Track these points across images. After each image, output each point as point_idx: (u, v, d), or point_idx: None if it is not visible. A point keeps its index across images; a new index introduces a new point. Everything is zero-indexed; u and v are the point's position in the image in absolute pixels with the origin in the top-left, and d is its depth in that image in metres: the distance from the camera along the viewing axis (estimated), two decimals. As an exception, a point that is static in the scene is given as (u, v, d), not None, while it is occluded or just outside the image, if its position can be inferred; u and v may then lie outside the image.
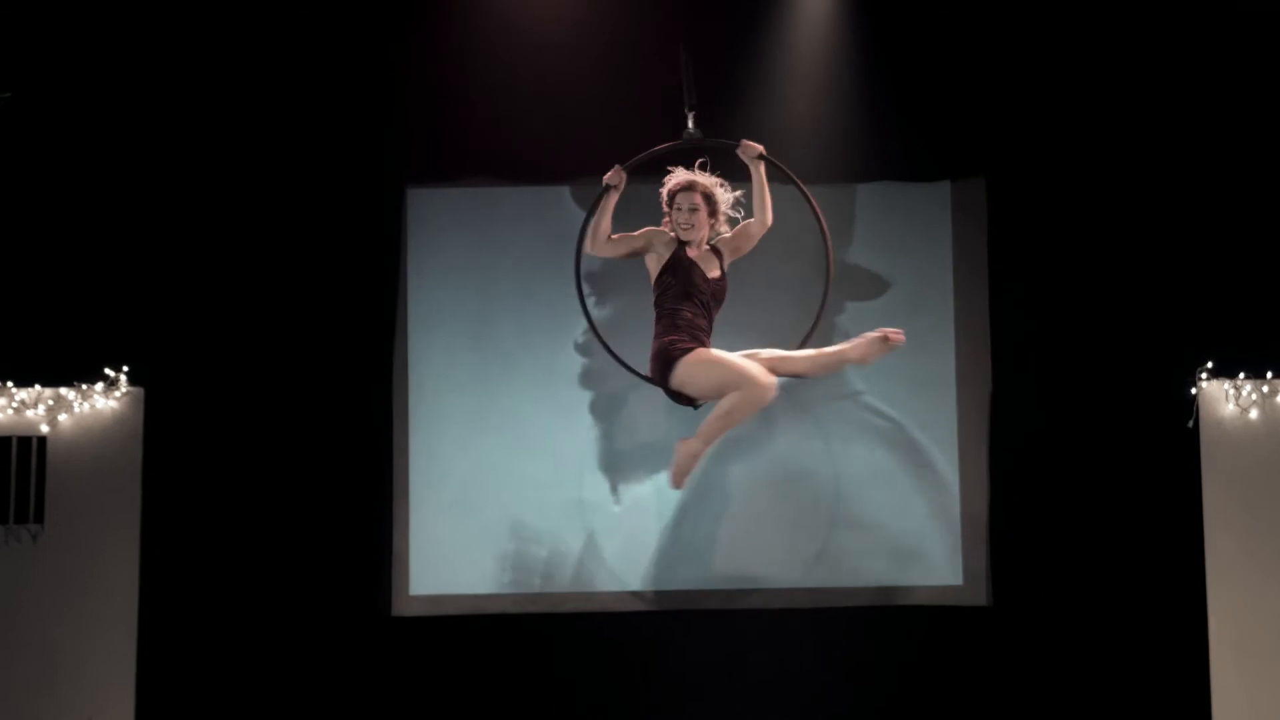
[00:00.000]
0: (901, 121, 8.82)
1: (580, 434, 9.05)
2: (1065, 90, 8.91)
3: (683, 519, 8.84)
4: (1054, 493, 8.79)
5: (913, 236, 9.05)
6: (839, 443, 8.92)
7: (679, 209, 6.16)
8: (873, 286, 8.95)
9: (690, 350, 5.97)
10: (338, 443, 8.81)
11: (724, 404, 5.81)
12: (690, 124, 6.22)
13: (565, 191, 8.94)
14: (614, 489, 8.87)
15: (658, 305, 6.18)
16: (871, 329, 6.29)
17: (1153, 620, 8.67)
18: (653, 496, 8.93)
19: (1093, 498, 8.76)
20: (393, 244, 9.00)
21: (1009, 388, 8.91)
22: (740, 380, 5.78)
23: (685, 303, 6.09)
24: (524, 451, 8.94)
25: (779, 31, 8.85)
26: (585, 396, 9.03)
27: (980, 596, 8.83)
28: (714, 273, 6.23)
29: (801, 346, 6.07)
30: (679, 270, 6.15)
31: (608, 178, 6.11)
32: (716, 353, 5.97)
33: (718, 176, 6.20)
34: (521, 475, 8.92)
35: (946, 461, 8.98)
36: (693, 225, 6.16)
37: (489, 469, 8.95)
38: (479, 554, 8.90)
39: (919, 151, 8.88)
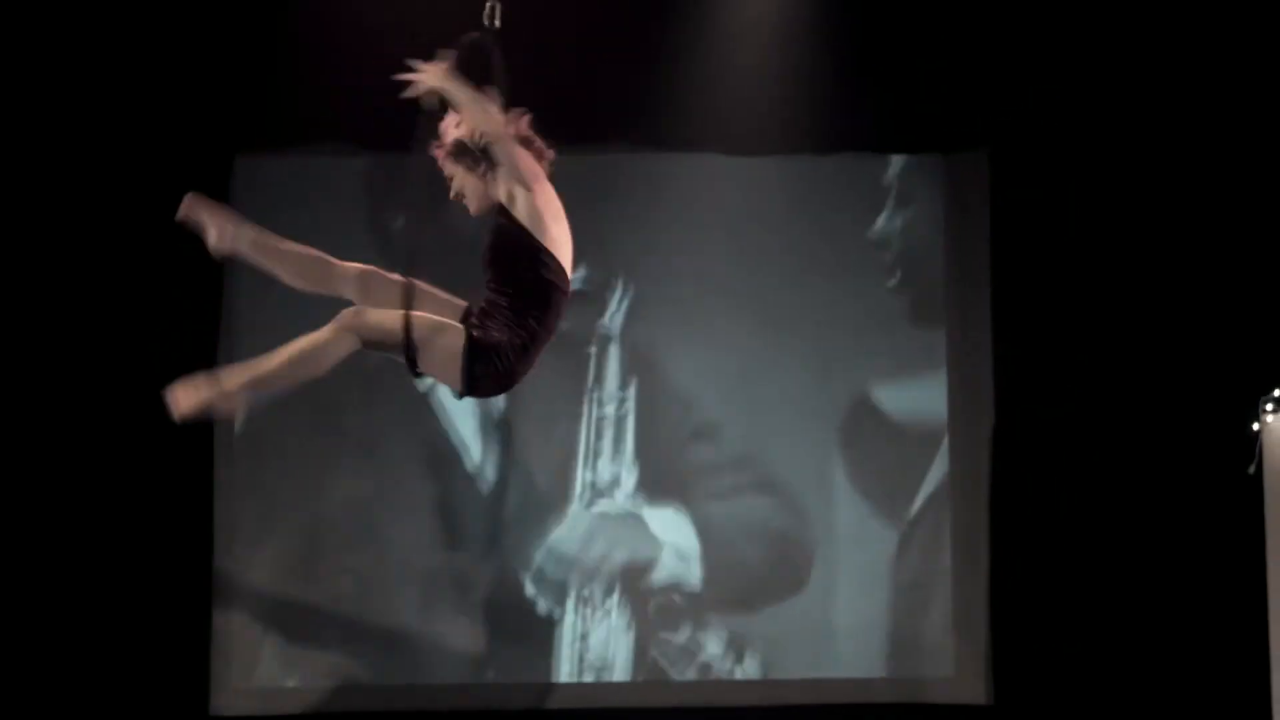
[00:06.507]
0: (881, 84, 8.24)
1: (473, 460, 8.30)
2: (1092, 41, 8.21)
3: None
4: (1072, 559, 8.18)
5: (891, 229, 8.40)
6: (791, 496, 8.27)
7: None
8: (832, 297, 8.31)
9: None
10: (136, 481, 8.00)
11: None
12: (493, 12, 5.08)
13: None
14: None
15: None
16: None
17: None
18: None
19: (1125, 563, 8.16)
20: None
21: (1015, 422, 8.30)
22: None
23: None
24: (393, 490, 8.20)
25: None
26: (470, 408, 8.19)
27: (978, 691, 8.21)
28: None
29: None
30: None
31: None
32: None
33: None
34: (391, 523, 8.20)
35: (932, 519, 8.28)
36: (464, 194, 5.07)
37: (343, 515, 8.21)
38: (330, 631, 8.14)
39: (903, 119, 8.30)
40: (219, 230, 4.74)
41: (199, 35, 7.97)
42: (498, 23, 5.02)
